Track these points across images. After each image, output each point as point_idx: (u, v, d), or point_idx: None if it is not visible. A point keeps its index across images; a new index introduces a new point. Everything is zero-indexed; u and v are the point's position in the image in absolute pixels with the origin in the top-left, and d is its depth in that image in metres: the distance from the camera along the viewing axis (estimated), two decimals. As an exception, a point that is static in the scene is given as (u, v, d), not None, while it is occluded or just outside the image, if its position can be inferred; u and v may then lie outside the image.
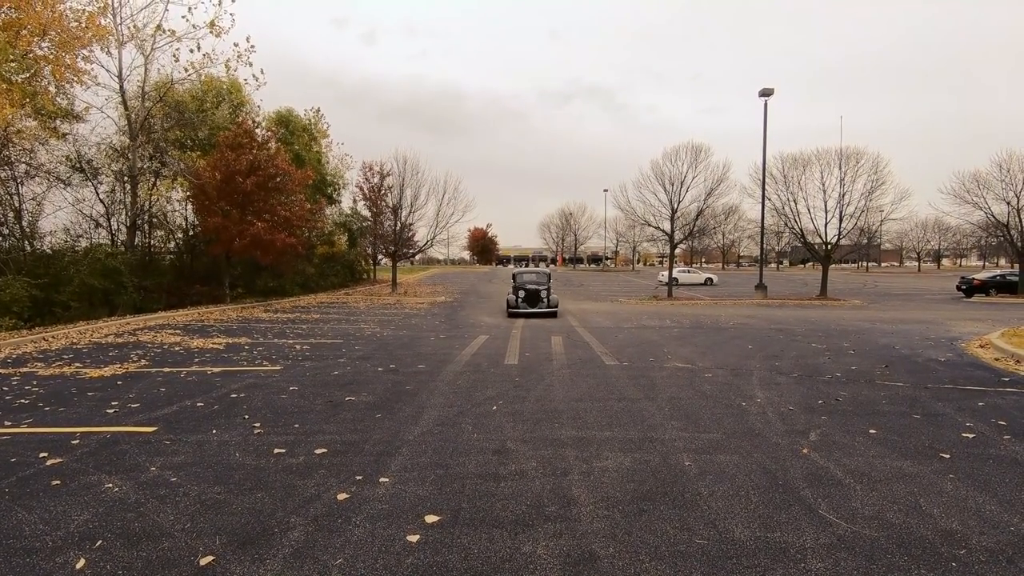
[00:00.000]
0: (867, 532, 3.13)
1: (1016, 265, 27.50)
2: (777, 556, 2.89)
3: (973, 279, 27.51)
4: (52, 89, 16.82)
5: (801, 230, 26.23)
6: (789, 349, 9.89)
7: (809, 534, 3.11)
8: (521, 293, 17.10)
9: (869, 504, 3.49)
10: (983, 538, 3.07)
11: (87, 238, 20.29)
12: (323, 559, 2.90)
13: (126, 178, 20.09)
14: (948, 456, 4.35)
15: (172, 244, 24.59)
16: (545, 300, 16.99)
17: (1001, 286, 26.77)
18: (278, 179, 20.95)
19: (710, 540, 3.06)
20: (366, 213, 31.10)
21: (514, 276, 18.46)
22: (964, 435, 4.88)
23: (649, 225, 28.02)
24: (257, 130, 22.57)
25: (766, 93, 24.79)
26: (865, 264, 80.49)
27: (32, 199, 18.40)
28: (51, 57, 15.77)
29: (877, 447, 4.56)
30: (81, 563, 2.86)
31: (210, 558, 2.91)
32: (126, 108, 19.70)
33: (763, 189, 25.39)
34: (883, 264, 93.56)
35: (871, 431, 4.99)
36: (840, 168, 25.27)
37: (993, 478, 3.90)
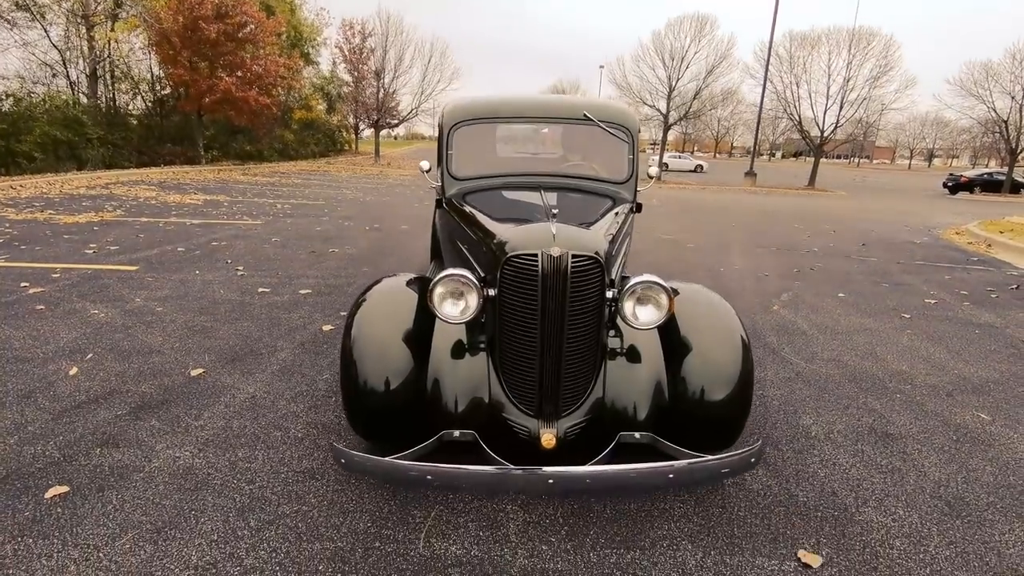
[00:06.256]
0: (823, 370, 3.35)
1: (1006, 165, 27.36)
2: (738, 385, 3.09)
3: (960, 176, 27.45)
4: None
5: (800, 117, 25.39)
6: (772, 228, 9.98)
7: (771, 369, 3.32)
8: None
9: (829, 350, 3.71)
10: (928, 378, 3.31)
11: (44, 85, 18.80)
12: (310, 375, 3.03)
13: (79, 19, 18.21)
14: (908, 316, 4.57)
15: (139, 100, 23.00)
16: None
17: (986, 185, 26.84)
18: (248, 29, 19.18)
19: (678, 372, 3.25)
20: (346, 77, 29.13)
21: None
22: (927, 301, 5.10)
23: (644, 103, 26.84)
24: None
25: (785, -43, 22.63)
26: (857, 160, 79.59)
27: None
28: None
29: (843, 307, 4.77)
30: (74, 371, 2.95)
31: (200, 370, 3.02)
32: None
33: (767, 67, 24.09)
34: (875, 161, 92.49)
35: (840, 295, 5.18)
36: (849, 51, 23.96)
37: (947, 334, 4.14)
